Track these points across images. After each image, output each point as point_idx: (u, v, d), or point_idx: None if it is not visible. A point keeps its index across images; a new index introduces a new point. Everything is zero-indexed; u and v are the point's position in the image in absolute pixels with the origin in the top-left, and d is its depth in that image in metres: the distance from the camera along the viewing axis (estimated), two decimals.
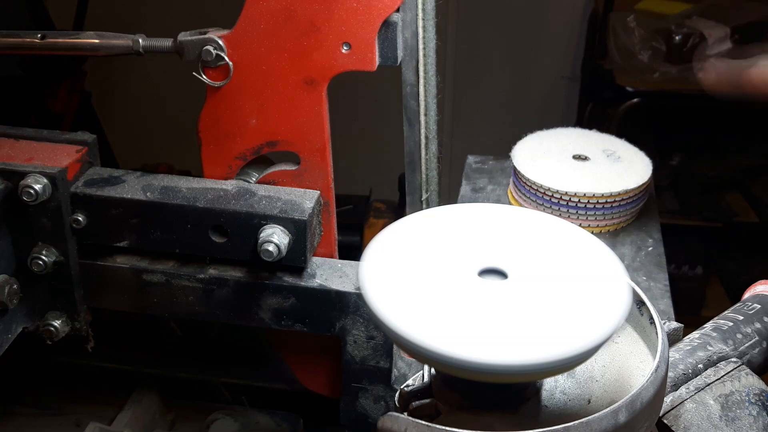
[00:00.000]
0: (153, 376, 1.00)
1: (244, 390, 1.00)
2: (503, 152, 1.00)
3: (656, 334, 0.51)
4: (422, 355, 0.45)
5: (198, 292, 0.75)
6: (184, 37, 0.72)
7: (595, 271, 0.49)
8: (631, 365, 0.55)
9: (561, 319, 0.45)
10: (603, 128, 1.05)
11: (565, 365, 0.44)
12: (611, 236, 0.93)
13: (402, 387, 0.55)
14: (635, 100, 1.97)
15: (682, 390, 0.59)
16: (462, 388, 0.50)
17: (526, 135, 1.01)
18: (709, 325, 0.66)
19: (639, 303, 0.54)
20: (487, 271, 0.49)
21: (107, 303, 0.78)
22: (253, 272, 0.74)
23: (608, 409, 0.45)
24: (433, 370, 0.54)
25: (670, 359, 0.60)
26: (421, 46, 0.78)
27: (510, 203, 0.97)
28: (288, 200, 0.72)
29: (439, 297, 0.47)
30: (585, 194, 0.90)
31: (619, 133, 1.04)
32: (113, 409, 0.98)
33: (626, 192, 0.91)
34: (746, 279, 0.72)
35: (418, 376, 0.56)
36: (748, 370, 0.61)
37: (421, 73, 0.79)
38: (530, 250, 0.51)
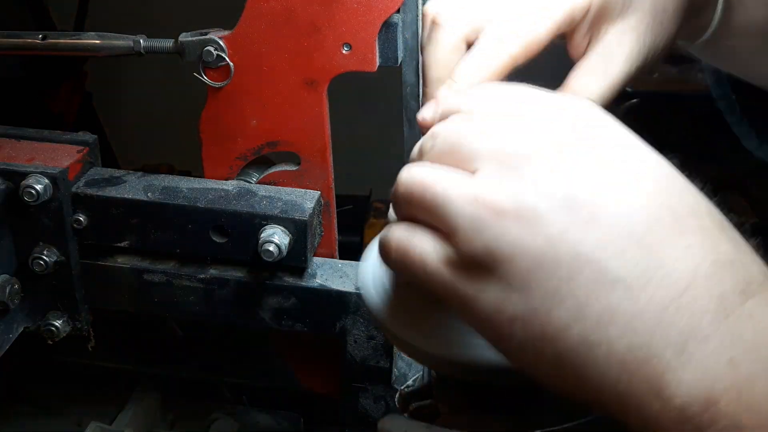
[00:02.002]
0: (153, 376, 1.00)
1: (245, 390, 1.00)
2: None
3: None
4: (421, 357, 0.45)
5: (199, 292, 0.75)
6: (185, 37, 0.72)
7: None
8: None
9: None
10: None
11: None
12: None
13: (402, 388, 0.56)
14: (635, 100, 1.97)
15: None
16: (462, 389, 0.50)
17: None
18: None
19: None
20: None
21: (108, 303, 0.78)
22: (253, 272, 0.74)
23: None
24: (432, 371, 0.54)
25: None
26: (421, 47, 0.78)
27: None
28: (288, 200, 0.72)
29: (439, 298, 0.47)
30: None
31: None
32: (114, 409, 0.98)
33: None
34: None
35: (418, 377, 0.56)
36: None
37: (422, 74, 0.79)
38: None
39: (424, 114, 0.50)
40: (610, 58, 0.55)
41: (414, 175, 0.41)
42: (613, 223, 0.36)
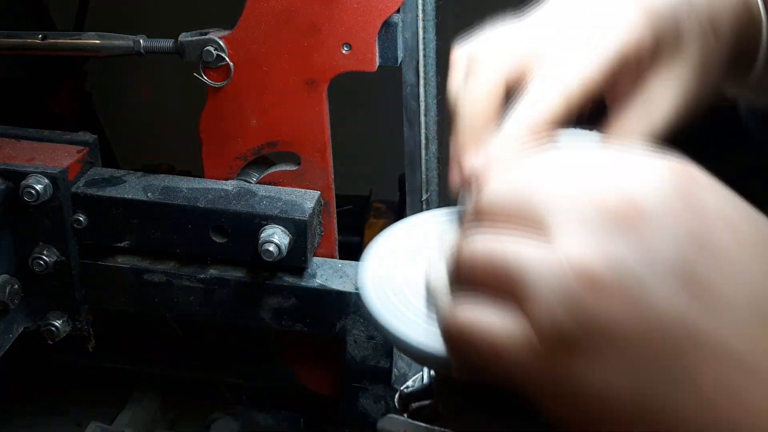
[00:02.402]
0: (153, 376, 1.00)
1: (245, 390, 1.00)
2: None
3: None
4: (420, 358, 0.45)
5: (199, 292, 0.75)
6: (184, 37, 0.72)
7: None
8: None
9: None
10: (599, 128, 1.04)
11: None
12: None
13: (401, 388, 0.55)
14: None
15: None
16: (462, 389, 0.50)
17: None
18: None
19: None
20: None
21: (108, 303, 0.78)
22: (253, 272, 0.74)
23: None
24: (432, 372, 0.54)
25: None
26: (421, 47, 0.78)
27: None
28: (288, 200, 0.72)
29: (439, 299, 0.47)
30: None
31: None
32: (114, 409, 0.98)
33: None
34: None
35: (418, 378, 0.56)
36: None
37: (421, 74, 0.79)
38: None
39: (474, 161, 0.46)
40: (654, 106, 0.50)
41: (478, 246, 0.36)
42: (733, 298, 0.32)
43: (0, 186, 0.69)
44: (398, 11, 0.69)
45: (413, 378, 0.56)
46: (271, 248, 0.68)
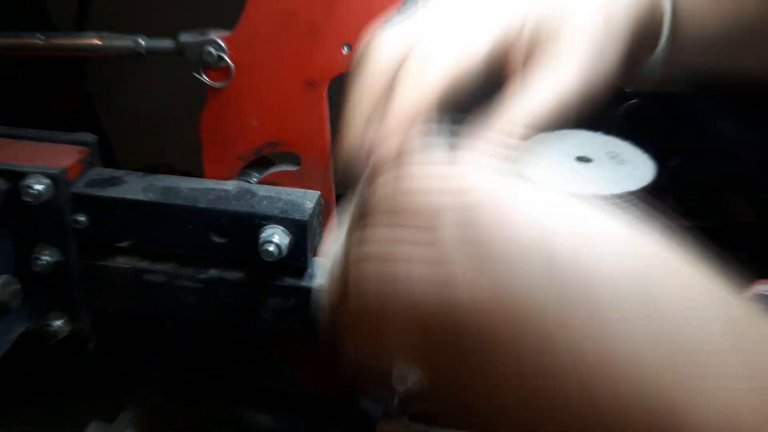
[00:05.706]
0: (153, 376, 1.00)
1: (245, 390, 1.00)
2: None
3: None
4: None
5: (199, 292, 0.75)
6: (185, 38, 0.72)
7: None
8: None
9: None
10: (602, 129, 1.04)
11: None
12: None
13: (401, 390, 0.55)
14: (635, 100, 1.97)
15: None
16: None
17: None
18: None
19: None
20: None
21: (108, 303, 0.78)
22: (253, 273, 0.74)
23: None
24: None
25: None
26: None
27: None
28: (289, 201, 0.72)
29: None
30: (587, 195, 0.90)
31: (619, 134, 1.04)
32: (114, 409, 0.98)
33: (628, 193, 0.91)
34: (746, 279, 0.72)
35: (418, 380, 0.56)
36: None
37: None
38: None
39: (363, 141, 0.54)
40: (535, 88, 0.51)
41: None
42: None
43: (0, 186, 0.69)
44: (398, 12, 0.69)
45: (413, 380, 0.56)
46: (271, 248, 0.68)
